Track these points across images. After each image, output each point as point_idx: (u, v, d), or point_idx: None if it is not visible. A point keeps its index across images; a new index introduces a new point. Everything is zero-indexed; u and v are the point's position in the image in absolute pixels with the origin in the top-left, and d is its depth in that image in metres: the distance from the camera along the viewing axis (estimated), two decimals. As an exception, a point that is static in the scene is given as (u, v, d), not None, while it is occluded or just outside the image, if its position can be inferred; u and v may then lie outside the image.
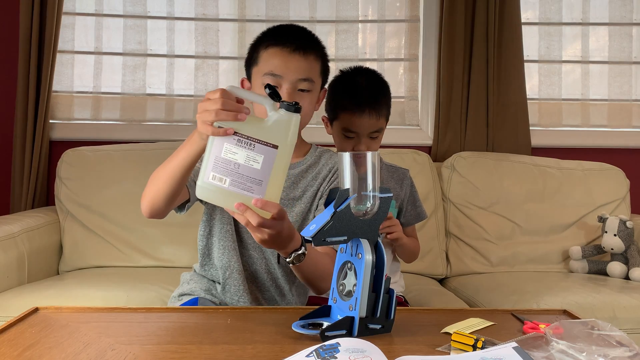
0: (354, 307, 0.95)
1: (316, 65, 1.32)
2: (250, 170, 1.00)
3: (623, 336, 0.89)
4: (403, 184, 1.75)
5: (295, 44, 1.28)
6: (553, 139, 2.75)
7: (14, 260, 1.96)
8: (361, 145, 1.61)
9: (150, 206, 1.21)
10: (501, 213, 2.41)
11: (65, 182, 2.33)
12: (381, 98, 1.63)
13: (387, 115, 1.66)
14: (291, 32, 1.33)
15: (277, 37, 1.30)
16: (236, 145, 0.99)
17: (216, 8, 2.69)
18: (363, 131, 1.60)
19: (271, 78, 1.27)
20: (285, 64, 1.27)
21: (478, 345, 0.88)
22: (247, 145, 1.00)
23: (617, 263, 2.22)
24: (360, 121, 1.59)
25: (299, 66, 1.27)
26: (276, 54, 1.28)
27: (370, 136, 1.61)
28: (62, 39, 2.58)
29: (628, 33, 2.78)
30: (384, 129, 1.65)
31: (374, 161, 0.95)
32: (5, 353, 0.85)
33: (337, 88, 1.65)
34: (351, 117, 1.59)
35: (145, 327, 1.00)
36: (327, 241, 0.92)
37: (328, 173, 1.38)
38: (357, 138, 1.61)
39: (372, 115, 1.59)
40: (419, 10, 2.74)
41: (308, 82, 1.29)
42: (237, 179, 0.99)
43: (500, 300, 1.92)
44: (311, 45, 1.31)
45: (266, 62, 1.29)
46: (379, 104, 1.60)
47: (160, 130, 2.65)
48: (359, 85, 1.63)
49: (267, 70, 1.27)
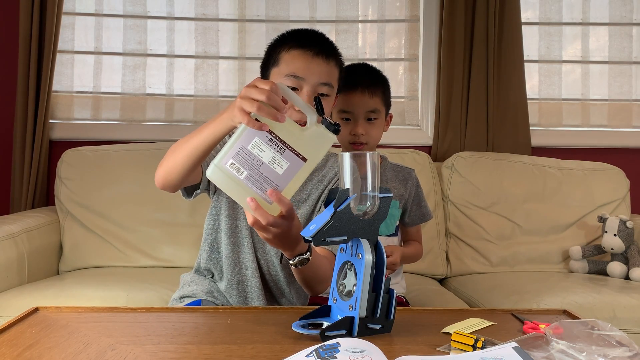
0: (353, 307, 0.95)
1: (336, 72, 1.33)
2: (271, 172, 0.98)
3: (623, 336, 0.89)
4: (407, 184, 1.74)
5: (318, 48, 1.29)
6: (553, 139, 2.75)
7: (14, 260, 1.96)
8: (358, 127, 1.60)
9: (164, 177, 1.18)
10: (501, 213, 2.41)
11: (65, 182, 2.33)
12: (375, 79, 1.63)
13: (383, 97, 1.64)
14: (314, 37, 1.34)
15: (300, 39, 1.31)
16: (267, 143, 0.98)
17: (216, 8, 2.69)
18: (358, 110, 1.60)
19: (293, 80, 1.27)
20: (307, 66, 1.27)
21: (478, 345, 0.88)
22: (277, 148, 0.98)
23: (617, 263, 2.22)
24: (353, 98, 1.59)
25: (321, 70, 1.28)
26: (299, 56, 1.28)
27: (366, 117, 1.61)
28: (62, 39, 2.58)
29: (628, 33, 2.78)
30: (381, 112, 1.64)
31: (374, 161, 0.94)
32: (5, 353, 0.85)
33: None
34: (344, 96, 1.59)
35: (145, 327, 1.00)
36: (327, 241, 0.92)
37: (333, 176, 1.39)
38: (354, 120, 1.61)
39: (365, 93, 1.59)
40: (419, 10, 2.74)
41: (328, 86, 1.29)
42: (255, 176, 0.98)
43: (500, 300, 1.91)
44: (332, 52, 1.33)
45: (288, 64, 1.28)
46: (373, 84, 1.61)
47: (160, 130, 2.65)
48: (352, 70, 1.63)
49: (289, 72, 1.27)
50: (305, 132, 0.99)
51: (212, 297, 1.36)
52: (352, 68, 1.65)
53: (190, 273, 1.47)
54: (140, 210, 2.29)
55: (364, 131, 1.60)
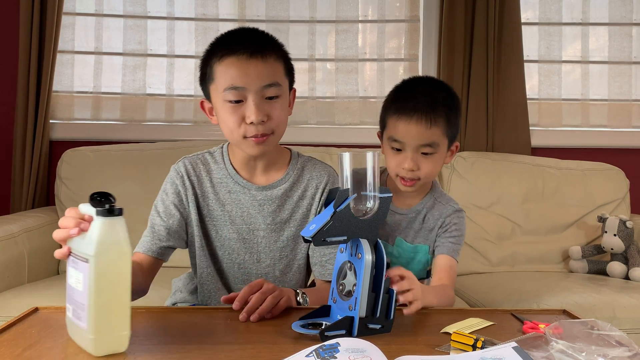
0: (353, 307, 0.95)
1: (279, 67, 1.21)
2: (78, 294, 0.85)
3: (623, 336, 0.89)
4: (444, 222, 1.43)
5: (251, 48, 1.16)
6: (553, 139, 2.75)
7: (14, 260, 1.96)
8: (408, 161, 1.31)
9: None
10: (501, 213, 2.41)
11: (65, 182, 2.33)
12: (439, 105, 1.31)
13: (447, 126, 1.32)
14: (243, 36, 1.21)
15: (229, 44, 1.18)
16: (71, 266, 0.87)
17: (216, 8, 2.69)
18: (410, 141, 1.31)
19: (234, 92, 1.16)
20: (244, 72, 1.15)
21: (478, 345, 0.88)
22: (73, 264, 0.86)
23: (617, 263, 2.22)
24: (406, 127, 1.30)
25: (260, 72, 1.16)
26: (232, 63, 1.16)
27: (421, 151, 1.32)
28: (62, 39, 2.58)
29: (628, 33, 2.78)
30: (440, 145, 1.32)
31: (374, 161, 0.94)
32: (5, 353, 0.85)
33: (391, 95, 1.39)
34: (396, 122, 1.32)
35: (145, 327, 1.00)
36: (327, 241, 0.92)
37: (315, 191, 1.31)
38: (404, 151, 1.32)
39: (422, 122, 1.29)
40: (419, 10, 2.74)
41: (274, 87, 1.18)
42: (75, 307, 0.86)
43: (500, 300, 1.91)
44: (269, 47, 1.19)
45: (223, 76, 1.17)
46: (434, 110, 1.30)
47: (160, 130, 2.65)
48: (414, 89, 1.36)
49: (227, 85, 1.16)
50: (90, 231, 0.84)
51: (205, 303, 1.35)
52: (413, 82, 1.40)
53: (181, 278, 1.45)
54: (141, 210, 2.27)
55: (416, 166, 1.32)
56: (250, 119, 1.17)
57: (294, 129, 2.70)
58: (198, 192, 1.29)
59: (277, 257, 1.32)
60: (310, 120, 2.73)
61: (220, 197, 1.30)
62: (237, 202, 1.29)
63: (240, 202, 1.29)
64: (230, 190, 1.29)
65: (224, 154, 1.32)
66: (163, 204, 1.29)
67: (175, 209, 1.28)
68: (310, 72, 2.73)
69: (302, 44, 2.72)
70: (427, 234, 1.43)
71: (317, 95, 2.73)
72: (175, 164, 1.32)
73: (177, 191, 1.29)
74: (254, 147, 1.21)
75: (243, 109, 1.18)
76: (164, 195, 1.30)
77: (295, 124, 2.71)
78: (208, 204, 1.30)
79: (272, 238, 1.31)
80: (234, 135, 1.21)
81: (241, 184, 1.29)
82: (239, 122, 1.19)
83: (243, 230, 1.30)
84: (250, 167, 1.30)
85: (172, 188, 1.29)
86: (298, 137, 2.61)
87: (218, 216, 1.30)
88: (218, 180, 1.30)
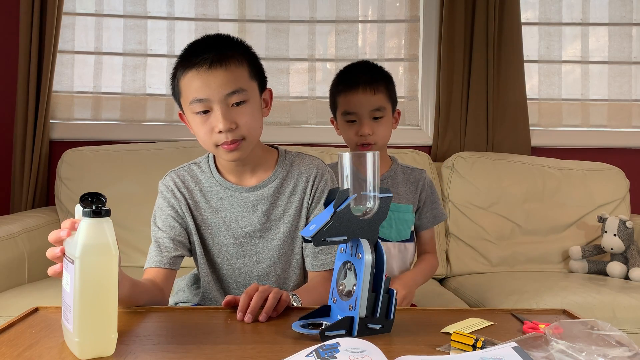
0: (353, 307, 0.95)
1: (241, 71, 1.21)
2: (67, 296, 0.84)
3: (623, 336, 0.89)
4: (418, 186, 1.66)
5: (210, 58, 1.17)
6: (553, 139, 2.75)
7: (14, 260, 1.96)
8: (364, 127, 1.52)
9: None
10: (501, 213, 2.41)
11: (65, 182, 2.33)
12: (377, 75, 1.55)
13: (387, 93, 1.56)
14: (202, 47, 1.21)
15: (189, 57, 1.20)
16: (64, 267, 0.87)
17: (216, 8, 2.69)
18: (362, 110, 1.52)
19: (199, 104, 1.19)
20: (206, 84, 1.17)
21: (478, 345, 0.88)
22: (66, 265, 0.86)
23: (617, 263, 2.22)
24: (355, 98, 1.52)
25: (221, 81, 1.17)
26: (194, 76, 1.18)
27: (372, 116, 1.53)
28: (62, 39, 2.58)
29: (628, 33, 2.78)
30: (387, 108, 1.55)
31: (374, 161, 0.94)
32: (5, 353, 0.85)
33: (335, 80, 1.61)
34: (346, 96, 1.53)
35: (145, 327, 1.00)
36: (327, 241, 0.92)
37: (306, 185, 1.31)
38: (359, 120, 1.53)
39: (367, 90, 1.51)
40: (419, 10, 2.74)
41: (238, 93, 1.19)
42: (65, 309, 0.85)
43: (500, 300, 1.91)
44: (228, 53, 1.20)
45: (187, 89, 1.20)
46: (374, 80, 1.53)
47: (160, 130, 2.65)
48: (352, 68, 1.58)
49: (192, 98, 1.19)
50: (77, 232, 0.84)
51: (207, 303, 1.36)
52: (351, 66, 1.61)
53: (185, 278, 1.46)
54: (140, 210, 2.29)
55: (371, 131, 1.52)
56: (218, 128, 1.19)
57: (294, 129, 2.70)
58: (190, 203, 1.30)
59: (277, 256, 1.32)
60: (310, 120, 2.73)
61: (212, 204, 1.31)
62: (230, 207, 1.30)
63: (233, 207, 1.30)
64: (221, 197, 1.30)
65: (210, 163, 1.33)
66: (161, 218, 1.30)
67: (174, 220, 1.29)
68: (310, 72, 2.73)
69: (302, 44, 2.72)
70: (411, 196, 1.65)
71: (317, 95, 2.73)
72: (163, 179, 1.33)
73: (171, 204, 1.30)
74: (228, 154, 1.23)
75: (212, 119, 1.20)
76: (160, 211, 1.31)
77: (295, 124, 2.71)
78: (201, 213, 1.31)
79: (269, 237, 1.31)
80: (207, 144, 1.24)
81: (231, 189, 1.30)
82: (209, 132, 1.21)
83: (239, 234, 1.30)
84: (237, 171, 1.31)
85: (166, 202, 1.30)
86: (298, 137, 2.61)
87: (213, 224, 1.31)
88: (208, 189, 1.31)
